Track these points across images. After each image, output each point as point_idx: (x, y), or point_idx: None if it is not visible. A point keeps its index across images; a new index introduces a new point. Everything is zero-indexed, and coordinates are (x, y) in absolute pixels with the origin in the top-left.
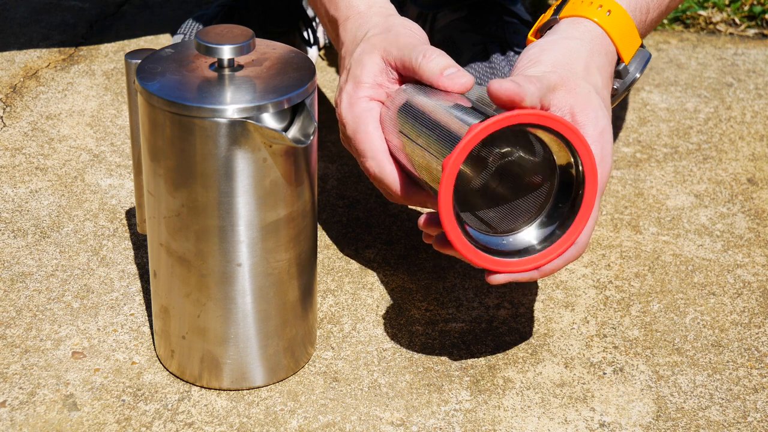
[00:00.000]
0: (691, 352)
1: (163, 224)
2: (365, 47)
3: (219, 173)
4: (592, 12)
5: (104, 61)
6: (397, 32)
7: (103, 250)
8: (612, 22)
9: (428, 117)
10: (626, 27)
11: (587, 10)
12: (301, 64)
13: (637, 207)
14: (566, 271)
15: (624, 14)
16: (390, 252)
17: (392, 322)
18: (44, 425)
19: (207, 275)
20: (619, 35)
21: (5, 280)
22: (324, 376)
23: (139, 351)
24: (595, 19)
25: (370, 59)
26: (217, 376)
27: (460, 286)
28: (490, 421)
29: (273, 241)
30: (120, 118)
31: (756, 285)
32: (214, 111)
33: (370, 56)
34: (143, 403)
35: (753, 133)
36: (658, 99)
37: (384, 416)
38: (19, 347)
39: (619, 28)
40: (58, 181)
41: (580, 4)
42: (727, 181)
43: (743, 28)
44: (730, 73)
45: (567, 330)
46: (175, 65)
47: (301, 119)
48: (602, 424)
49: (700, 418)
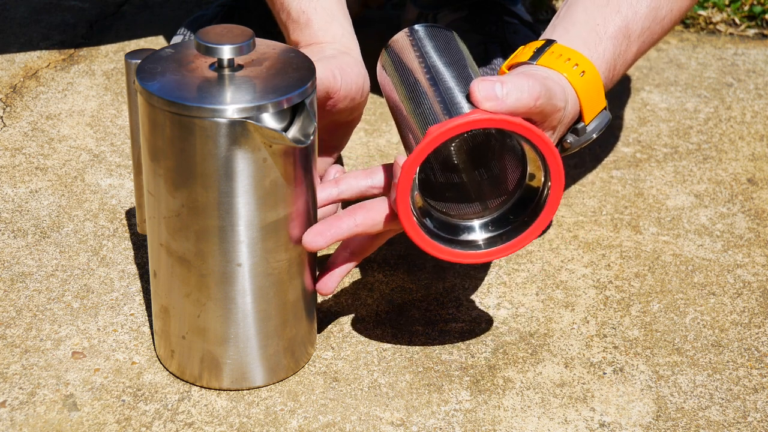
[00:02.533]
0: (691, 352)
1: (163, 224)
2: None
3: (219, 173)
4: (567, 69)
5: (104, 61)
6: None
7: (103, 250)
8: (583, 84)
9: (416, 87)
10: (595, 88)
11: (562, 66)
12: (301, 64)
13: (637, 207)
14: (566, 271)
15: (596, 75)
16: (390, 252)
17: (392, 322)
18: (44, 425)
19: (207, 275)
20: (587, 97)
21: (5, 280)
22: (324, 376)
23: (139, 351)
24: (566, 75)
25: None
26: (217, 376)
27: (460, 286)
28: (490, 421)
29: (273, 241)
30: (120, 118)
31: (756, 285)
32: (214, 111)
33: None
34: (143, 403)
35: (753, 133)
36: (658, 99)
37: (384, 416)
38: (19, 347)
39: (588, 90)
40: (58, 181)
41: (556, 59)
42: (727, 181)
43: (743, 28)
44: (730, 73)
45: (567, 330)
46: (175, 65)
47: (301, 119)
48: (602, 424)
49: (700, 418)
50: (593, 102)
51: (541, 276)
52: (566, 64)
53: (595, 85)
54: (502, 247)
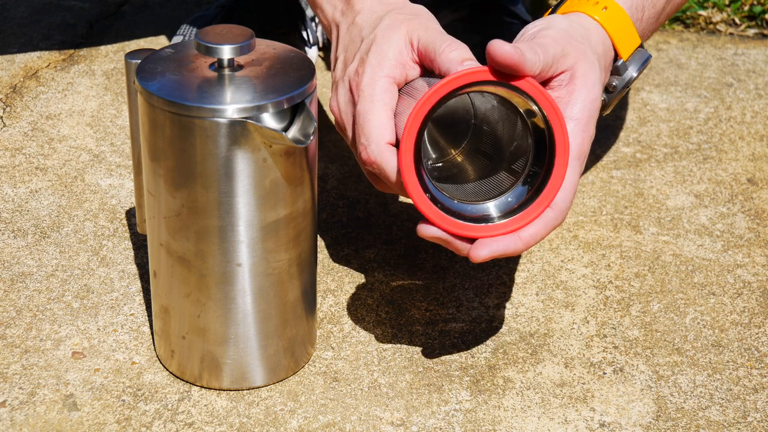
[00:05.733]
0: (691, 352)
1: (163, 224)
2: (391, 22)
3: (219, 173)
4: (589, 8)
5: (104, 61)
6: (427, 18)
7: (103, 250)
8: (609, 18)
9: (412, 83)
10: (623, 23)
11: (584, 6)
12: (300, 64)
13: (637, 207)
14: (566, 271)
15: (621, 11)
16: (390, 252)
17: (392, 322)
18: (44, 425)
19: (207, 275)
20: (616, 31)
21: (5, 280)
22: (324, 376)
23: (139, 351)
24: (594, 16)
25: (397, 35)
26: (217, 376)
27: (460, 286)
28: (490, 421)
29: (273, 241)
30: (120, 118)
31: (756, 285)
32: (214, 111)
33: (397, 32)
34: (143, 403)
35: (753, 133)
36: (658, 99)
37: (384, 416)
38: (19, 347)
39: (615, 24)
40: (58, 181)
41: (577, 2)
42: (727, 181)
43: (743, 28)
44: (730, 73)
45: (567, 330)
46: (175, 65)
47: (301, 119)
48: (602, 424)
49: (700, 418)
50: (624, 37)
51: (541, 276)
52: (587, 4)
53: (622, 18)
54: (537, 201)
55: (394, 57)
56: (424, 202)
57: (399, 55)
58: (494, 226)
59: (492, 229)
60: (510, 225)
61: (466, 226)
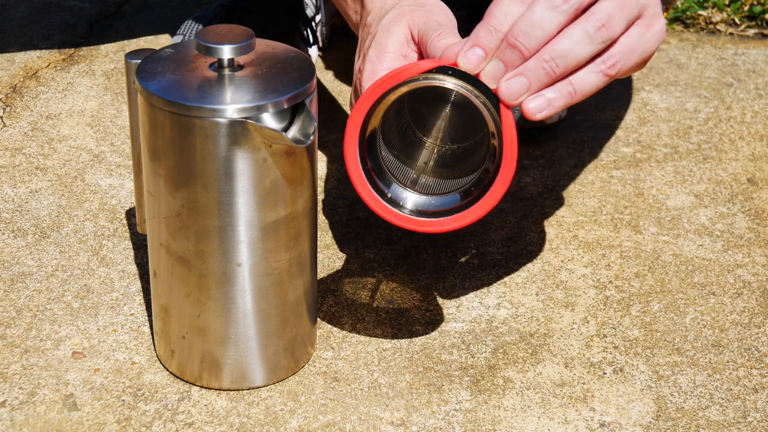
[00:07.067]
0: (691, 352)
1: (163, 224)
2: (394, 16)
3: (219, 173)
4: None
5: (104, 61)
6: (430, 9)
7: (103, 250)
8: None
9: None
10: None
11: None
12: (300, 64)
13: (637, 207)
14: (566, 271)
15: None
16: (390, 252)
17: (392, 322)
18: (44, 425)
19: (207, 275)
20: None
21: (5, 280)
22: (324, 376)
23: (139, 351)
24: None
25: (397, 27)
26: (217, 376)
27: (460, 286)
28: (490, 421)
29: (273, 241)
30: (120, 118)
31: (756, 285)
32: (214, 111)
33: (398, 24)
34: (143, 403)
35: (753, 133)
36: (658, 99)
37: (384, 416)
38: (19, 347)
39: None
40: (58, 181)
41: None
42: (727, 181)
43: (743, 28)
44: (730, 73)
45: (567, 330)
46: (175, 65)
47: (301, 119)
48: (602, 424)
49: (700, 418)
50: None
51: (541, 276)
52: None
53: None
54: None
55: (394, 50)
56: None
57: (399, 47)
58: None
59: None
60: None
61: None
